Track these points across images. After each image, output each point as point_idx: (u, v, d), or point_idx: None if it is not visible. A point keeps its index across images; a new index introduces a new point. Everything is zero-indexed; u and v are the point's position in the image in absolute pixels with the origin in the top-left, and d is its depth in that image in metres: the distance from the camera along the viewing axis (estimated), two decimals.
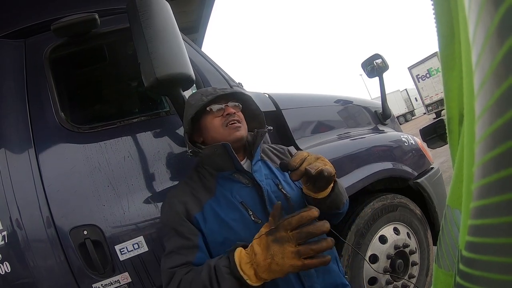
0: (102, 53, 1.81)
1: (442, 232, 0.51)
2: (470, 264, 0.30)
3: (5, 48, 1.56)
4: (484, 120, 0.25)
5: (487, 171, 0.25)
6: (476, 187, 0.28)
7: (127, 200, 1.45)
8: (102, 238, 1.38)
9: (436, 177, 2.38)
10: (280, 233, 0.86)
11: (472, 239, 0.29)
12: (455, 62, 0.43)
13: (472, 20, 0.26)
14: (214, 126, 1.18)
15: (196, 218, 1.08)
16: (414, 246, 2.11)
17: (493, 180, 0.25)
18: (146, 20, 1.31)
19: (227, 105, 1.20)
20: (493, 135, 0.24)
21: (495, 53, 0.23)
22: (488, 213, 0.26)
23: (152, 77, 1.28)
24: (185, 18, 3.69)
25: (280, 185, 1.18)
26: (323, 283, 1.10)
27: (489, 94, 0.24)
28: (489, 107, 0.24)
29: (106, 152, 1.49)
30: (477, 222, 0.28)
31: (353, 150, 2.04)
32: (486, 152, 0.25)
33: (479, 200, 0.27)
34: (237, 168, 1.15)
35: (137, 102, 2.46)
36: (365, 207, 1.98)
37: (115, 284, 1.38)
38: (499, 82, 0.23)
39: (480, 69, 0.26)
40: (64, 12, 1.56)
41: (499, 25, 0.23)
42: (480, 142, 0.26)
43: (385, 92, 2.57)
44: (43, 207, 1.37)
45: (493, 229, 0.26)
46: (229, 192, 1.12)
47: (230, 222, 1.07)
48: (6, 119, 1.45)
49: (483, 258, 0.28)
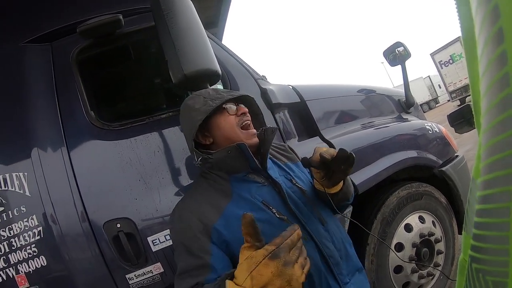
0: (127, 52, 1.85)
1: (468, 202, 0.55)
2: (479, 226, 0.37)
3: (33, 53, 1.62)
4: (486, 118, 0.32)
5: (491, 169, 0.33)
6: (481, 181, 0.35)
7: (159, 193, 1.50)
8: (135, 230, 1.43)
9: (461, 165, 2.35)
10: (288, 254, 0.74)
11: (480, 207, 0.36)
12: (476, 53, 0.45)
13: (477, 28, 0.33)
14: (230, 125, 1.12)
15: (216, 228, 0.99)
16: (439, 234, 2.10)
17: (496, 176, 0.32)
18: (171, 19, 1.34)
19: (240, 105, 1.16)
20: (495, 126, 0.31)
21: (493, 51, 0.29)
22: (491, 184, 0.33)
23: (180, 73, 1.31)
24: (204, 13, 3.72)
25: (293, 179, 1.17)
26: (347, 269, 1.10)
27: (484, 87, 0.31)
28: (490, 108, 0.31)
29: (136, 147, 1.54)
30: (484, 193, 0.35)
31: (377, 139, 2.04)
32: (494, 136, 0.32)
33: (485, 175, 0.34)
34: (252, 167, 1.10)
35: (164, 98, 2.51)
36: (390, 196, 1.98)
37: (148, 274, 1.44)
38: (486, 84, 0.31)
39: (481, 64, 0.33)
40: (88, 14, 1.61)
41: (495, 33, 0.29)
42: (485, 131, 0.33)
43: (408, 80, 2.53)
44: (77, 202, 1.43)
45: (494, 196, 0.33)
46: (248, 193, 1.07)
47: None
48: (39, 120, 1.52)
49: (487, 220, 0.35)
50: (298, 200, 1.10)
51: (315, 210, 1.12)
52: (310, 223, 1.07)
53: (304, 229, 1.04)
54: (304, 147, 1.78)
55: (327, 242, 1.08)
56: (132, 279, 1.43)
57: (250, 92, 1.73)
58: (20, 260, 1.38)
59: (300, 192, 1.13)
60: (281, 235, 0.76)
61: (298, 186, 1.14)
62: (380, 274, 1.84)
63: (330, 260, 1.05)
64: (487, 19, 0.30)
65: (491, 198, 0.33)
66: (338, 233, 1.15)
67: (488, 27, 0.30)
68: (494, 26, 0.28)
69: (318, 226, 1.09)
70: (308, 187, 1.17)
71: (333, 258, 1.07)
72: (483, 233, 0.36)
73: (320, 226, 1.10)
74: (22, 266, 1.38)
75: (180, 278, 0.97)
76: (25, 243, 1.38)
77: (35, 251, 1.38)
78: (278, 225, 1.00)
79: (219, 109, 1.13)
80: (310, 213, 1.10)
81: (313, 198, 1.14)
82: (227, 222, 1.01)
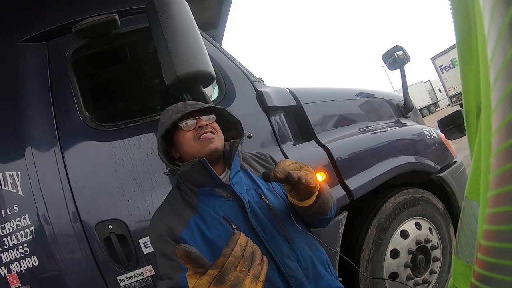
0: (123, 52, 1.84)
1: (461, 224, 0.52)
2: (488, 252, 0.31)
3: (29, 51, 1.61)
4: (499, 112, 0.27)
5: (503, 160, 0.27)
6: (493, 177, 0.29)
7: (151, 195, 1.49)
8: (126, 232, 1.43)
9: (459, 170, 2.33)
10: (232, 274, 0.72)
11: (490, 228, 0.30)
12: (472, 56, 0.44)
13: (486, 18, 0.28)
14: (186, 140, 1.16)
15: (182, 236, 1.05)
16: (436, 241, 2.09)
17: (508, 169, 0.26)
18: (165, 20, 1.33)
19: (199, 118, 1.17)
20: (506, 126, 0.26)
21: (506, 50, 0.25)
22: (504, 201, 0.27)
23: (173, 75, 1.30)
24: (204, 14, 3.70)
25: (262, 194, 1.15)
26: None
27: (502, 88, 0.26)
28: (503, 100, 0.26)
29: (129, 149, 1.53)
30: (494, 211, 0.29)
31: (374, 143, 2.02)
32: (501, 142, 0.27)
33: (496, 189, 0.28)
34: (216, 182, 1.12)
35: (158, 99, 2.51)
36: (386, 202, 1.96)
37: (139, 276, 1.43)
38: (509, 78, 0.25)
39: (494, 64, 0.27)
40: (85, 14, 1.60)
41: (509, 25, 0.24)
42: (496, 133, 0.28)
43: (407, 84, 2.52)
44: (69, 203, 1.42)
45: (509, 216, 0.27)
46: (212, 209, 1.10)
47: (214, 240, 1.04)
48: (32, 119, 1.51)
49: (500, 245, 0.29)
50: (262, 216, 1.09)
51: (281, 227, 1.10)
52: (272, 241, 1.06)
53: (264, 248, 1.04)
54: (299, 151, 1.77)
55: (289, 261, 1.06)
56: (123, 281, 1.42)
57: (246, 95, 1.72)
58: (12, 259, 1.38)
59: (266, 208, 1.12)
60: (222, 253, 0.73)
61: (266, 202, 1.13)
62: (374, 281, 1.82)
63: (291, 280, 1.04)
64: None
65: (507, 217, 0.27)
66: (307, 251, 1.12)
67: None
68: None
69: (282, 244, 1.08)
70: (279, 202, 1.15)
71: (295, 278, 1.05)
72: (494, 261, 0.30)
73: (283, 244, 1.08)
74: (14, 266, 1.38)
75: (159, 282, 1.03)
76: (17, 243, 1.38)
77: (27, 250, 1.38)
78: None
79: (177, 127, 1.17)
80: (274, 230, 1.09)
81: (282, 214, 1.12)
82: (191, 234, 1.05)
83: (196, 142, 1.14)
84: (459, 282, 0.53)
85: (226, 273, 0.71)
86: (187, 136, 1.16)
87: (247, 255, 0.75)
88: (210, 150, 1.13)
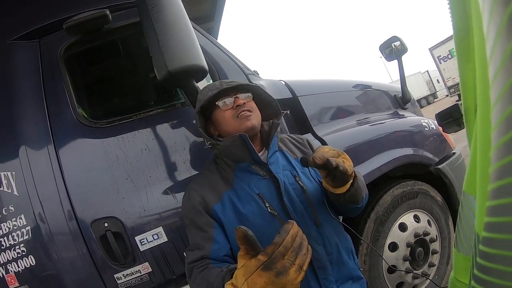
0: (116, 48, 1.82)
1: (459, 217, 0.54)
2: (490, 243, 0.32)
3: (21, 50, 1.59)
4: (498, 107, 0.28)
5: (503, 153, 0.28)
6: (493, 170, 0.30)
7: (146, 192, 1.48)
8: (122, 229, 1.42)
9: (458, 162, 2.32)
10: (279, 262, 0.75)
11: (491, 219, 0.31)
12: (470, 54, 0.44)
13: (485, 17, 0.30)
14: (225, 119, 1.19)
15: (215, 209, 1.10)
16: (434, 234, 2.08)
17: (507, 161, 0.28)
18: (156, 14, 1.31)
19: (237, 97, 1.19)
20: (506, 120, 0.27)
21: (505, 47, 0.26)
22: (505, 192, 0.28)
23: (165, 70, 1.28)
24: (199, 7, 3.68)
25: (297, 176, 1.17)
26: (337, 275, 1.11)
27: (502, 84, 0.27)
28: (502, 95, 0.27)
29: (123, 145, 1.51)
30: (495, 203, 0.30)
31: (372, 136, 2.01)
32: (501, 136, 0.28)
33: (496, 182, 0.29)
34: (254, 159, 1.15)
35: (152, 95, 2.49)
36: (384, 194, 1.95)
37: (136, 274, 1.42)
38: (508, 74, 0.26)
39: (493, 61, 0.29)
40: (75, 10, 1.58)
41: (507, 23, 0.26)
42: (496, 127, 0.29)
43: (405, 75, 2.50)
44: (65, 201, 1.41)
45: (510, 208, 0.28)
46: (247, 185, 1.13)
47: (247, 215, 1.08)
48: (26, 117, 1.50)
49: (502, 237, 0.30)
50: (295, 197, 1.12)
51: (312, 210, 1.13)
52: (301, 222, 1.07)
53: None
54: None
55: (315, 245, 1.09)
56: (120, 278, 1.42)
57: None
58: (9, 259, 1.38)
59: (300, 190, 1.14)
60: (274, 241, 0.77)
61: (300, 184, 1.16)
62: (373, 274, 1.82)
63: (315, 263, 1.07)
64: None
65: (509, 208, 0.29)
66: (334, 238, 1.15)
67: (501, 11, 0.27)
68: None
69: (310, 227, 1.10)
70: (313, 187, 1.17)
71: (319, 261, 1.08)
72: (496, 252, 0.31)
73: (312, 228, 1.11)
74: (11, 266, 1.38)
75: (188, 251, 1.11)
76: (14, 243, 1.38)
77: (24, 250, 1.38)
78: (269, 219, 1.08)
79: (214, 106, 1.21)
80: (305, 213, 1.11)
81: (315, 198, 1.15)
82: (223, 208, 1.11)
83: (234, 120, 1.17)
84: (460, 275, 0.54)
85: (274, 261, 0.75)
86: (226, 115, 1.18)
87: (296, 246, 0.78)
88: (247, 127, 1.15)
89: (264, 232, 0.99)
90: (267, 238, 0.85)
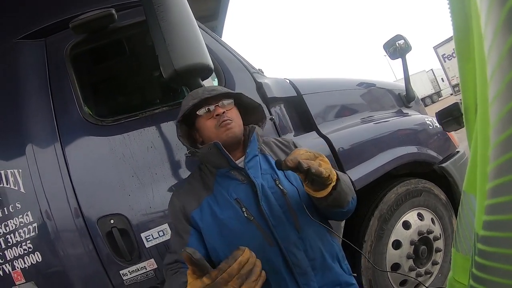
0: (121, 46, 1.83)
1: (459, 217, 0.53)
2: (488, 242, 0.31)
3: (27, 49, 1.61)
4: (496, 106, 0.28)
5: (501, 152, 0.28)
6: (491, 168, 0.30)
7: (152, 189, 1.49)
8: (128, 226, 1.43)
9: (462, 161, 2.31)
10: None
11: (489, 218, 0.31)
12: (470, 54, 0.44)
13: (483, 17, 0.30)
14: (207, 127, 1.19)
15: (193, 216, 1.12)
16: (438, 232, 2.08)
17: (506, 159, 0.27)
18: (162, 13, 1.31)
19: (217, 105, 1.19)
20: (503, 118, 0.27)
21: (501, 46, 0.27)
22: (504, 190, 0.28)
23: (171, 69, 1.29)
24: (203, 6, 3.67)
25: (278, 180, 1.16)
26: (322, 281, 1.08)
27: (499, 82, 0.27)
28: (500, 94, 0.27)
29: (129, 143, 1.53)
30: (493, 201, 0.30)
31: (376, 134, 2.01)
32: (499, 134, 0.28)
33: (494, 180, 0.29)
34: (231, 165, 1.15)
35: (158, 93, 2.50)
36: (388, 192, 1.95)
37: (142, 270, 1.44)
38: (505, 72, 0.26)
39: (491, 60, 0.29)
40: (81, 9, 1.60)
41: (504, 23, 0.26)
42: (494, 125, 0.29)
43: (409, 74, 2.49)
44: (71, 198, 1.43)
45: (509, 206, 0.28)
46: (226, 190, 1.14)
47: (225, 220, 1.09)
48: (32, 116, 1.52)
49: (500, 235, 0.30)
50: (274, 201, 1.10)
51: (292, 214, 1.10)
52: (279, 227, 1.07)
53: (271, 233, 1.06)
54: (300, 142, 1.77)
55: (295, 250, 1.07)
56: (126, 275, 1.43)
57: (245, 86, 1.71)
58: (16, 256, 1.39)
59: (280, 194, 1.12)
60: (219, 267, 0.78)
61: (280, 188, 1.13)
62: (377, 272, 1.83)
63: (295, 269, 1.05)
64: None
65: (507, 206, 0.28)
66: (317, 243, 1.11)
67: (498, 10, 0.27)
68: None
69: (289, 231, 1.08)
70: (294, 191, 1.14)
71: (299, 267, 1.05)
72: (494, 250, 0.31)
73: (292, 232, 1.08)
74: (18, 262, 1.40)
75: (168, 253, 1.16)
76: (20, 239, 1.39)
77: (30, 247, 1.39)
78: (245, 223, 1.08)
79: (196, 114, 1.21)
80: (284, 217, 1.09)
81: (296, 202, 1.12)
82: (202, 213, 1.12)
83: (216, 129, 1.17)
84: (459, 275, 0.53)
85: (216, 286, 0.76)
86: (207, 123, 1.19)
87: (243, 272, 0.79)
88: (228, 137, 1.16)
89: (241, 237, 1.02)
90: (245, 242, 0.88)
